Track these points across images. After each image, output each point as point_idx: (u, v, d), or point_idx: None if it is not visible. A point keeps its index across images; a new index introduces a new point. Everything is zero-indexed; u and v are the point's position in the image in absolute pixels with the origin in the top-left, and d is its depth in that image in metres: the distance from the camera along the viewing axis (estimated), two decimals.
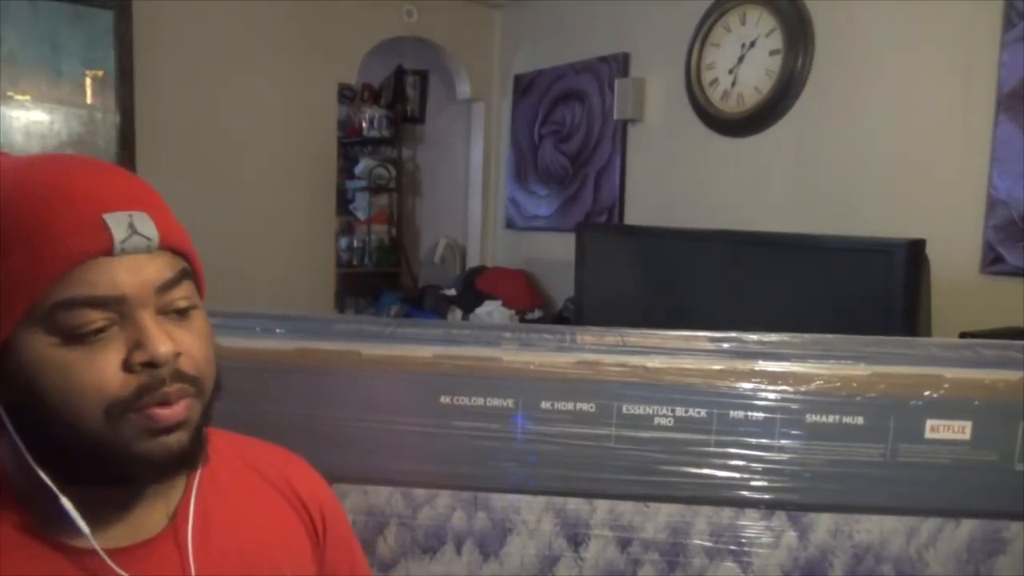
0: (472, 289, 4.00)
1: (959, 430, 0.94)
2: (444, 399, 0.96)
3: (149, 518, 0.63)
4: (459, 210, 4.75)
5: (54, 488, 0.56)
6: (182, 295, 0.60)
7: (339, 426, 0.94)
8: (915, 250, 1.80)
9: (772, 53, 2.88)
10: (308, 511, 0.75)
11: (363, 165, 4.84)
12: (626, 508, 0.97)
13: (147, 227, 0.57)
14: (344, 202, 4.92)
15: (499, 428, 0.96)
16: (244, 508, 0.70)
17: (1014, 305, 2.18)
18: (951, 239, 2.32)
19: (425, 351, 0.97)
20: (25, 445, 0.56)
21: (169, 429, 0.57)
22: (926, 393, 0.94)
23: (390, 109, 4.91)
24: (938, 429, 0.94)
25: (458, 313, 3.93)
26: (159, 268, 0.58)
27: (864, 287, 1.92)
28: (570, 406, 0.95)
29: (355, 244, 4.84)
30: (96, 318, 0.55)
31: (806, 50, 2.78)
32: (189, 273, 0.62)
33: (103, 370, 0.55)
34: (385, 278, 4.90)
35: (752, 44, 2.96)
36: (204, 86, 3.45)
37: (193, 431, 0.60)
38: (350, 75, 3.97)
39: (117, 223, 0.55)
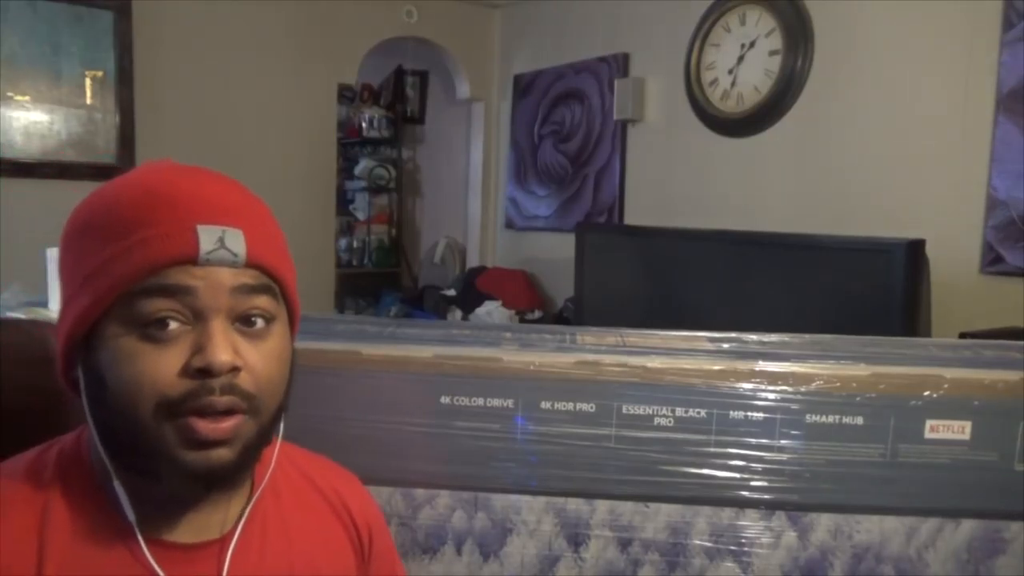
0: (472, 289, 4.00)
1: (959, 430, 0.94)
2: (444, 399, 0.96)
3: (215, 520, 0.65)
4: (459, 210, 4.75)
5: (111, 470, 0.59)
6: (258, 305, 0.60)
7: (339, 426, 0.94)
8: (915, 250, 1.81)
9: (772, 53, 2.88)
10: (357, 528, 0.76)
11: (363, 165, 4.84)
12: (626, 508, 0.97)
13: (236, 243, 0.59)
14: (344, 202, 4.92)
15: (499, 428, 0.95)
16: (298, 519, 0.72)
17: (1014, 305, 2.18)
18: (951, 239, 2.32)
19: (425, 351, 0.97)
20: (97, 431, 0.60)
21: (211, 444, 0.58)
22: (926, 393, 0.94)
23: (390, 109, 4.91)
24: (938, 429, 0.94)
25: (458, 313, 3.93)
26: (238, 276, 0.59)
27: (864, 287, 1.92)
28: (570, 406, 0.95)
29: (355, 244, 4.84)
30: (164, 307, 0.57)
31: (806, 50, 2.78)
32: (274, 291, 0.62)
33: (162, 367, 0.57)
34: (385, 278, 4.90)
35: (752, 44, 2.96)
36: (204, 86, 3.45)
37: (241, 450, 0.60)
38: (350, 75, 3.97)
39: (208, 235, 0.58)
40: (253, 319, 0.60)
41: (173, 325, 0.57)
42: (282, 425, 0.67)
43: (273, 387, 0.62)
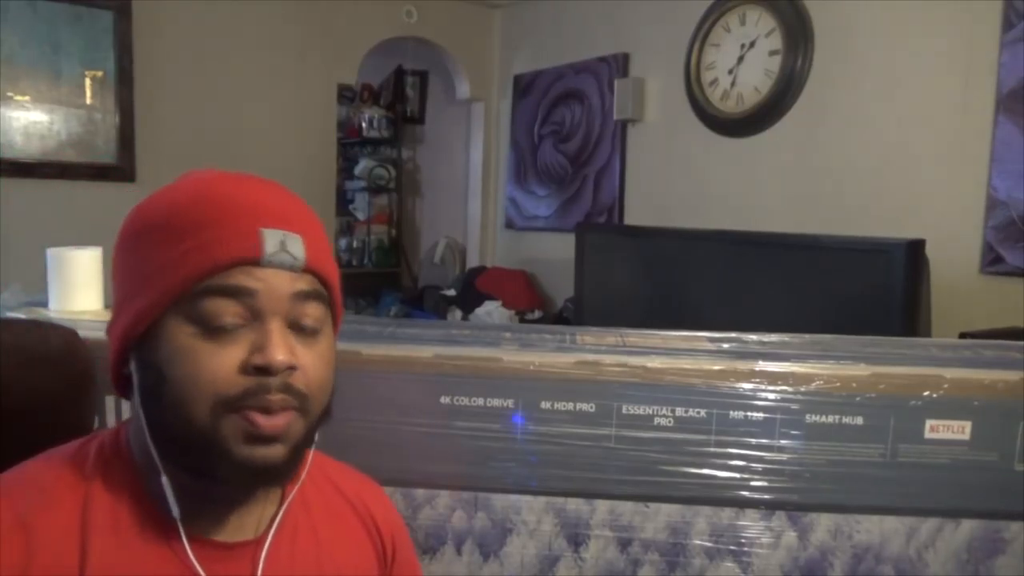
0: (472, 289, 4.00)
1: (959, 430, 0.94)
2: (444, 399, 0.96)
3: (250, 521, 0.67)
4: (459, 210, 4.75)
5: (159, 466, 0.60)
6: (312, 312, 0.63)
7: (339, 426, 0.94)
8: (915, 250, 1.80)
9: (772, 53, 2.88)
10: (381, 536, 0.78)
11: (363, 165, 4.84)
12: (626, 508, 0.97)
13: (296, 247, 0.61)
14: (344, 202, 4.91)
15: (499, 428, 0.96)
16: (326, 525, 0.73)
17: (1014, 305, 2.18)
18: (951, 239, 2.32)
19: (425, 351, 0.97)
20: (149, 427, 0.61)
21: (267, 439, 0.59)
22: (926, 393, 0.94)
23: (390, 109, 4.91)
24: (938, 429, 0.94)
25: (458, 313, 3.93)
26: (295, 280, 0.62)
27: (864, 287, 1.92)
28: (570, 406, 0.95)
29: (355, 245, 4.84)
30: (229, 309, 0.59)
31: (806, 50, 2.78)
32: (324, 298, 0.65)
33: (221, 364, 0.58)
34: (385, 278, 4.90)
35: (752, 44, 2.96)
36: (204, 86, 3.45)
37: (291, 448, 0.62)
38: (350, 75, 3.97)
39: (270, 238, 0.60)
40: (306, 322, 0.63)
41: (233, 323, 0.59)
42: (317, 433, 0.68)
43: (323, 389, 0.64)
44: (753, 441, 0.95)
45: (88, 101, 3.18)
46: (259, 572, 0.65)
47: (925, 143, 2.46)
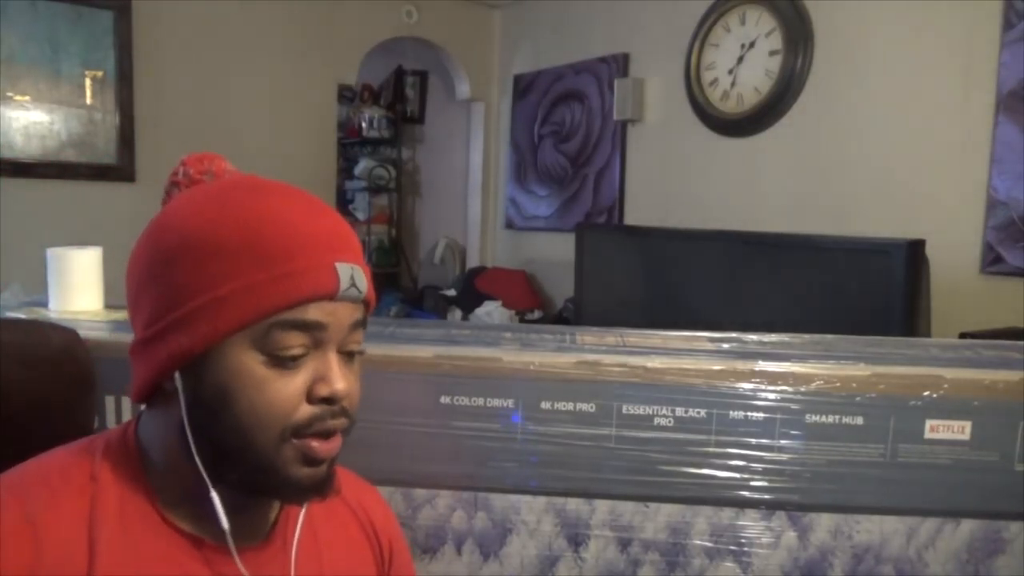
0: (472, 289, 4.00)
1: (959, 430, 0.94)
2: (444, 399, 0.96)
3: (255, 526, 0.68)
4: (459, 210, 4.75)
5: (210, 485, 0.61)
6: (358, 338, 0.66)
7: None
8: (915, 250, 1.80)
9: (772, 53, 2.88)
10: (378, 539, 0.79)
11: (363, 165, 4.84)
12: (626, 508, 0.97)
13: (362, 281, 0.65)
14: (344, 203, 4.91)
15: (499, 428, 0.96)
16: (326, 528, 0.75)
17: (1014, 305, 2.18)
18: (951, 239, 2.32)
19: (425, 351, 0.97)
20: (196, 443, 0.61)
21: (320, 462, 0.63)
22: (926, 393, 0.94)
23: (390, 109, 4.91)
24: (938, 429, 0.94)
25: (458, 313, 3.93)
26: (354, 311, 0.65)
27: (864, 287, 1.92)
28: (570, 406, 0.95)
29: None
30: (299, 342, 0.61)
31: (806, 50, 2.78)
32: (366, 323, 0.68)
33: (291, 394, 0.61)
34: (385, 278, 4.90)
35: (752, 44, 2.96)
36: (203, 86, 3.45)
37: (332, 463, 0.65)
38: (350, 75, 3.97)
39: (344, 272, 0.62)
40: (353, 348, 0.65)
41: (299, 354, 0.61)
42: None
43: (356, 407, 0.67)
44: (753, 441, 0.95)
45: (88, 101, 3.18)
46: (292, 574, 0.68)
47: (925, 143, 2.46)
